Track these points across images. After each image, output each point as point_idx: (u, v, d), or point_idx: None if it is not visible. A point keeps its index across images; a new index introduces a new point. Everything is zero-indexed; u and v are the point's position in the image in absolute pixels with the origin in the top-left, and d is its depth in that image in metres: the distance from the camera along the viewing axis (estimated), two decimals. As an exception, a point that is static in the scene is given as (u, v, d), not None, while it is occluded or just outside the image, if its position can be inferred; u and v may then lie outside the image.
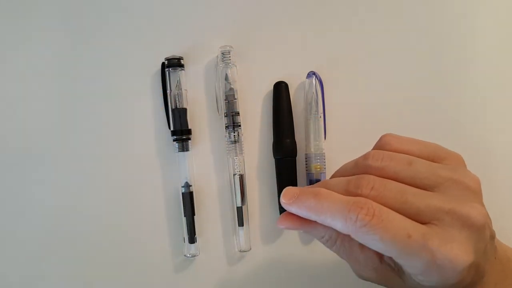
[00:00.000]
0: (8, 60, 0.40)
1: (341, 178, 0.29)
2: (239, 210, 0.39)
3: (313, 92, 0.39)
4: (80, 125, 0.40)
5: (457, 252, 0.24)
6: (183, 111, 0.39)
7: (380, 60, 0.41)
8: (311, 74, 0.40)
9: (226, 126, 0.39)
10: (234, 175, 0.39)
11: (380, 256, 0.28)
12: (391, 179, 0.27)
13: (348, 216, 0.25)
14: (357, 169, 0.29)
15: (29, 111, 0.40)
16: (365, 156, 0.29)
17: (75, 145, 0.40)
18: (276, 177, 0.40)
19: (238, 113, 0.39)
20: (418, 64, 0.41)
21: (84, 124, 0.40)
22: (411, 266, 0.25)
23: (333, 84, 0.40)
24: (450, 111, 0.41)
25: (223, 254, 0.41)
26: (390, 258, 0.27)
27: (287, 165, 0.40)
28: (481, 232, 0.25)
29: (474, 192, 0.27)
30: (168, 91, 0.39)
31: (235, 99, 0.39)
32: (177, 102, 0.39)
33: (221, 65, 0.39)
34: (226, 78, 0.39)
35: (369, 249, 0.27)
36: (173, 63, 0.39)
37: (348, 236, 0.26)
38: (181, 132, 0.39)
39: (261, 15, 0.41)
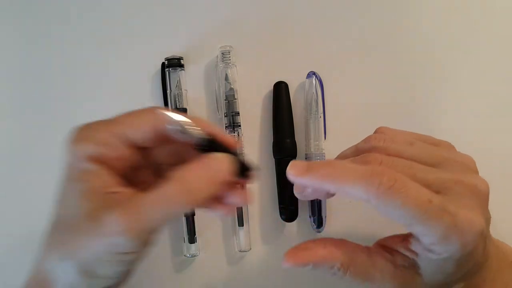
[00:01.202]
0: (5, 60, 0.40)
1: (345, 159, 0.29)
2: (239, 210, 0.39)
3: (313, 92, 0.39)
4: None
5: (472, 215, 0.25)
6: (183, 111, 0.39)
7: (380, 60, 0.41)
8: (311, 74, 0.40)
9: (226, 126, 0.39)
10: (234, 175, 0.39)
11: (392, 261, 0.28)
12: None
13: (370, 181, 0.25)
14: (358, 152, 0.30)
15: (29, 110, 0.40)
16: (366, 140, 0.30)
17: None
18: (276, 177, 0.40)
19: (238, 113, 0.39)
20: (419, 64, 0.41)
21: (84, 124, 0.40)
22: (431, 232, 0.25)
23: (333, 84, 0.40)
24: (450, 111, 0.41)
25: (223, 254, 0.41)
26: (404, 257, 0.28)
27: (287, 165, 0.39)
28: (487, 201, 0.27)
29: (472, 168, 0.28)
30: (168, 91, 0.39)
31: (235, 99, 0.39)
32: (177, 102, 0.39)
33: (221, 65, 0.39)
34: (226, 78, 0.39)
35: (380, 259, 0.28)
36: (173, 63, 0.39)
37: (357, 255, 0.28)
38: (181, 132, 0.39)
39: (261, 15, 0.41)
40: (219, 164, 0.27)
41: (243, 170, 0.28)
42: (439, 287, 0.29)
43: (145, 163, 0.29)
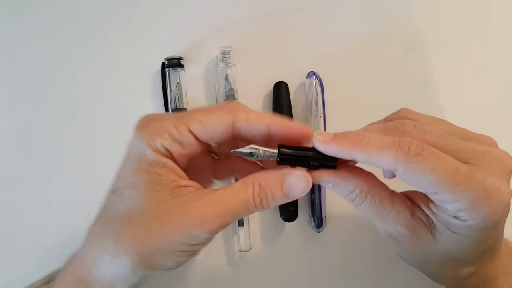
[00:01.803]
0: (6, 60, 0.40)
1: (374, 127, 0.29)
2: (239, 210, 0.39)
3: (313, 92, 0.39)
4: (80, 125, 0.40)
5: (500, 184, 0.25)
6: (183, 111, 0.39)
7: (380, 60, 0.41)
8: (311, 74, 0.40)
9: (226, 126, 0.39)
10: (234, 175, 0.39)
11: (411, 209, 0.28)
12: None
13: (399, 148, 0.25)
14: (388, 123, 0.29)
15: (30, 110, 0.40)
16: (395, 113, 0.30)
17: (75, 145, 0.40)
18: (276, 177, 0.40)
19: (238, 113, 0.39)
20: (419, 64, 0.41)
21: (85, 124, 0.40)
22: (459, 199, 0.25)
23: (333, 84, 0.40)
24: (451, 111, 0.41)
25: (223, 254, 0.41)
26: (423, 212, 0.28)
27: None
28: (510, 174, 0.27)
29: (495, 144, 0.29)
30: (168, 91, 0.39)
31: (235, 99, 0.39)
32: (177, 102, 0.39)
33: (221, 65, 0.39)
34: (226, 78, 0.39)
35: (400, 203, 0.28)
36: (173, 63, 0.39)
37: (379, 189, 0.28)
38: (181, 132, 0.39)
39: (261, 15, 0.41)
40: (295, 185, 0.27)
41: (326, 162, 0.28)
42: (449, 261, 0.29)
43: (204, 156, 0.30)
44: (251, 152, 0.27)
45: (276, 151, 0.27)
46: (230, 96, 0.39)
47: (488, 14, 0.42)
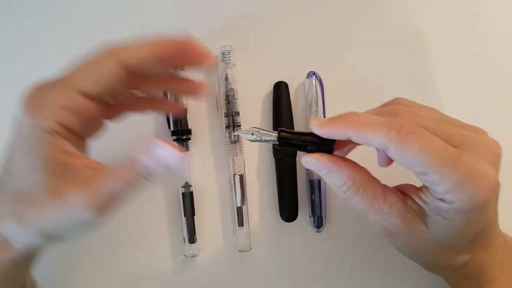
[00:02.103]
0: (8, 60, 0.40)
1: (370, 111, 0.30)
2: (239, 210, 0.39)
3: (313, 92, 0.39)
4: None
5: (486, 167, 0.26)
6: (183, 111, 0.39)
7: (380, 60, 0.41)
8: (311, 74, 0.40)
9: (226, 126, 0.39)
10: (234, 175, 0.39)
11: (403, 201, 0.29)
12: None
13: (391, 126, 0.26)
14: (383, 108, 0.31)
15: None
16: (391, 100, 0.31)
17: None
18: (276, 177, 0.40)
19: (238, 113, 0.39)
20: (420, 64, 0.41)
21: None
22: (446, 179, 0.26)
23: (333, 84, 0.40)
24: (451, 110, 0.41)
25: (223, 254, 0.41)
26: (414, 202, 0.29)
27: (287, 165, 0.40)
28: (499, 162, 0.28)
29: (486, 134, 0.30)
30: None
31: (235, 99, 0.39)
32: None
33: (221, 65, 0.39)
34: (226, 78, 0.39)
35: (392, 195, 0.29)
36: (173, 63, 0.39)
37: (372, 182, 0.29)
38: (181, 132, 0.39)
39: (261, 15, 0.41)
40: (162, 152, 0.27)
41: (323, 146, 0.29)
42: (443, 249, 0.29)
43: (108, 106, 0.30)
44: (252, 134, 0.30)
45: (276, 134, 0.29)
46: (230, 96, 0.39)
47: (488, 14, 0.42)
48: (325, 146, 0.29)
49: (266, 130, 0.30)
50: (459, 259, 0.30)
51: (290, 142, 0.29)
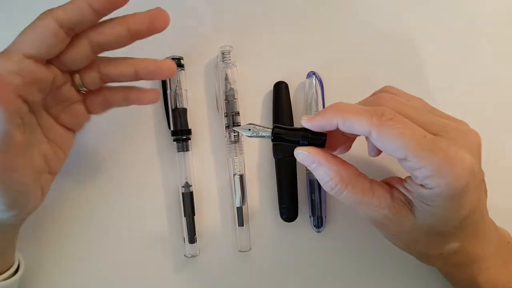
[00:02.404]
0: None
1: (358, 102, 0.32)
2: (239, 210, 0.39)
3: (313, 92, 0.39)
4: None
5: (463, 153, 0.27)
6: (183, 111, 0.39)
7: (380, 60, 0.41)
8: (311, 74, 0.40)
9: (226, 126, 0.39)
10: (234, 175, 0.39)
11: (390, 192, 0.30)
12: None
13: (373, 113, 0.28)
14: (369, 97, 0.33)
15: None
16: (379, 89, 0.33)
17: (74, 145, 0.40)
18: (276, 177, 0.40)
19: (238, 113, 0.39)
20: (419, 64, 0.41)
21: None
22: (425, 165, 0.27)
23: (333, 84, 0.40)
24: (449, 110, 0.41)
25: (223, 254, 0.41)
26: (400, 192, 0.30)
27: (287, 165, 0.40)
28: (479, 150, 0.30)
29: (466, 125, 0.31)
30: (168, 91, 0.39)
31: (235, 99, 0.39)
32: (177, 102, 0.39)
33: (221, 65, 0.39)
34: (226, 78, 0.39)
35: (380, 188, 0.30)
36: (173, 63, 0.39)
37: (359, 178, 0.30)
38: (181, 132, 0.39)
39: (261, 15, 0.41)
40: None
41: (315, 140, 0.31)
42: (431, 237, 0.30)
43: (62, 75, 0.31)
44: (249, 129, 0.32)
45: (270, 130, 0.31)
46: (230, 96, 0.39)
47: (484, 13, 0.42)
48: (316, 140, 0.31)
49: (261, 126, 0.32)
50: (448, 247, 0.31)
51: (283, 137, 0.31)
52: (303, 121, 0.31)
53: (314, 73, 0.40)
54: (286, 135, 0.31)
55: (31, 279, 0.38)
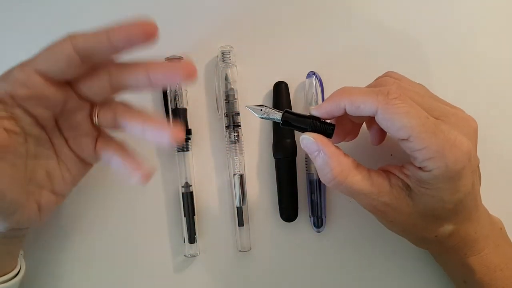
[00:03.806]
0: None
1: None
2: (239, 210, 0.39)
3: (313, 92, 0.39)
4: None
5: (463, 137, 0.29)
6: (183, 111, 0.39)
7: (380, 60, 0.41)
8: (311, 74, 0.40)
9: (226, 126, 0.39)
10: (234, 175, 0.39)
11: (388, 180, 0.31)
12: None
13: (379, 92, 0.29)
14: (373, 82, 0.34)
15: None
16: (381, 75, 0.34)
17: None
18: (276, 177, 0.40)
19: (238, 113, 0.39)
20: (419, 64, 0.41)
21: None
22: (426, 145, 0.28)
23: (333, 84, 0.40)
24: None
25: (223, 254, 0.41)
26: (398, 178, 0.31)
27: (287, 165, 0.40)
28: (475, 136, 0.31)
29: (465, 112, 0.33)
30: (168, 91, 0.39)
31: (235, 99, 0.39)
32: (177, 102, 0.39)
33: (221, 65, 0.39)
34: (226, 78, 0.39)
35: (378, 176, 0.31)
36: (173, 63, 0.39)
37: (358, 169, 0.31)
38: (181, 132, 0.39)
39: (261, 15, 0.41)
40: None
41: (323, 129, 0.31)
42: (427, 220, 0.31)
43: (78, 102, 0.31)
44: (261, 109, 0.33)
45: (281, 114, 0.32)
46: (230, 96, 0.39)
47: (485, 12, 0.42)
48: (324, 129, 0.31)
49: (273, 109, 0.33)
50: (443, 230, 0.32)
51: (292, 123, 0.32)
52: (312, 109, 0.32)
53: (314, 73, 0.40)
54: (295, 121, 0.32)
55: (31, 279, 0.38)
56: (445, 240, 0.33)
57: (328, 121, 0.32)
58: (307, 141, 0.31)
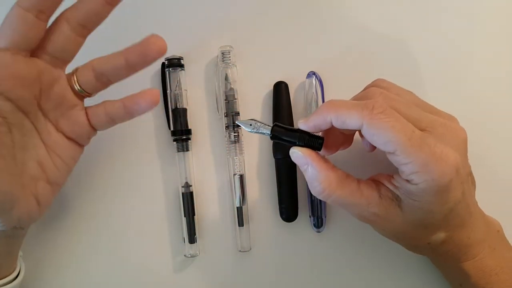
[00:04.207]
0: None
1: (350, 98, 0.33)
2: (239, 210, 0.39)
3: (313, 92, 0.39)
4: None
5: (448, 150, 0.28)
6: (183, 111, 0.39)
7: (380, 60, 0.41)
8: (311, 74, 0.40)
9: (226, 126, 0.39)
10: (234, 175, 0.39)
11: (378, 191, 0.31)
12: None
13: (364, 107, 0.28)
14: (360, 93, 0.33)
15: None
16: (371, 83, 0.34)
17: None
18: (276, 177, 0.40)
19: (238, 113, 0.39)
20: (419, 64, 0.41)
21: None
22: (412, 160, 0.27)
23: (333, 84, 0.40)
24: (450, 109, 0.41)
25: (223, 254, 0.41)
26: (387, 189, 0.31)
27: (287, 165, 0.40)
28: (465, 147, 0.31)
29: (455, 121, 0.33)
30: (168, 91, 0.39)
31: (235, 99, 0.39)
32: (177, 102, 0.39)
33: (221, 65, 0.39)
34: (226, 78, 0.39)
35: (367, 188, 0.31)
36: (173, 63, 0.39)
37: (347, 180, 0.31)
38: (181, 132, 0.39)
39: (261, 15, 0.41)
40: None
41: (311, 142, 0.31)
42: (419, 229, 0.31)
43: (52, 71, 0.31)
44: (250, 124, 0.33)
45: (270, 127, 0.32)
46: (230, 96, 0.39)
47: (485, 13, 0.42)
48: (313, 143, 0.31)
49: (262, 123, 0.33)
50: (435, 237, 0.32)
51: (281, 137, 0.32)
52: (299, 123, 0.31)
53: (314, 73, 0.40)
54: (284, 135, 0.32)
55: (31, 280, 0.38)
56: (438, 247, 0.33)
57: (318, 133, 0.32)
58: (296, 155, 0.31)
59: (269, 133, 0.32)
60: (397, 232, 0.32)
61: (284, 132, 0.32)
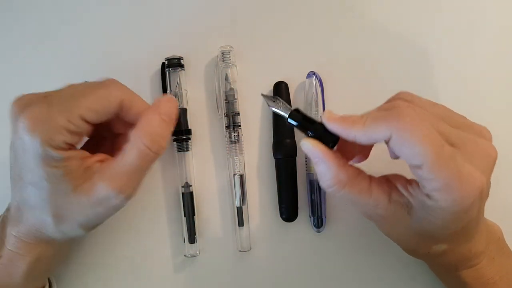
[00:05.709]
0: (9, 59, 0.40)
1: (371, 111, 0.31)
2: (239, 210, 0.39)
3: (313, 92, 0.39)
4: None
5: (476, 172, 0.26)
6: (183, 111, 0.39)
7: (380, 60, 0.41)
8: (311, 74, 0.40)
9: (226, 126, 0.39)
10: (234, 175, 0.39)
11: (388, 194, 0.30)
12: None
13: (393, 116, 0.27)
14: (383, 105, 0.31)
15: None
16: (394, 95, 0.32)
17: (75, 145, 0.40)
18: (276, 177, 0.40)
19: (238, 113, 0.39)
20: (419, 64, 0.41)
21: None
22: (437, 177, 0.26)
23: (333, 84, 0.40)
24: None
25: (223, 254, 0.41)
26: (400, 194, 0.30)
27: (287, 165, 0.40)
28: (492, 167, 0.29)
29: (486, 136, 0.30)
30: (168, 91, 0.39)
31: (235, 99, 0.39)
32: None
33: (221, 65, 0.39)
34: (226, 78, 0.39)
35: (378, 189, 0.30)
36: (173, 63, 0.39)
37: (358, 178, 0.30)
38: (181, 132, 0.39)
39: (261, 15, 0.41)
40: (165, 106, 0.32)
41: (325, 139, 0.30)
42: (423, 238, 0.30)
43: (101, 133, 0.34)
44: (274, 101, 0.32)
45: (290, 111, 0.31)
46: (230, 96, 0.39)
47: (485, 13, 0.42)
48: (327, 139, 0.30)
49: (285, 104, 0.32)
50: (436, 248, 0.31)
51: (297, 123, 0.31)
52: (323, 115, 0.30)
53: (314, 73, 0.40)
54: (300, 121, 0.31)
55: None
56: (437, 257, 0.32)
57: None
58: (306, 147, 0.30)
59: (287, 115, 0.31)
60: (399, 236, 0.32)
61: (301, 120, 0.31)
